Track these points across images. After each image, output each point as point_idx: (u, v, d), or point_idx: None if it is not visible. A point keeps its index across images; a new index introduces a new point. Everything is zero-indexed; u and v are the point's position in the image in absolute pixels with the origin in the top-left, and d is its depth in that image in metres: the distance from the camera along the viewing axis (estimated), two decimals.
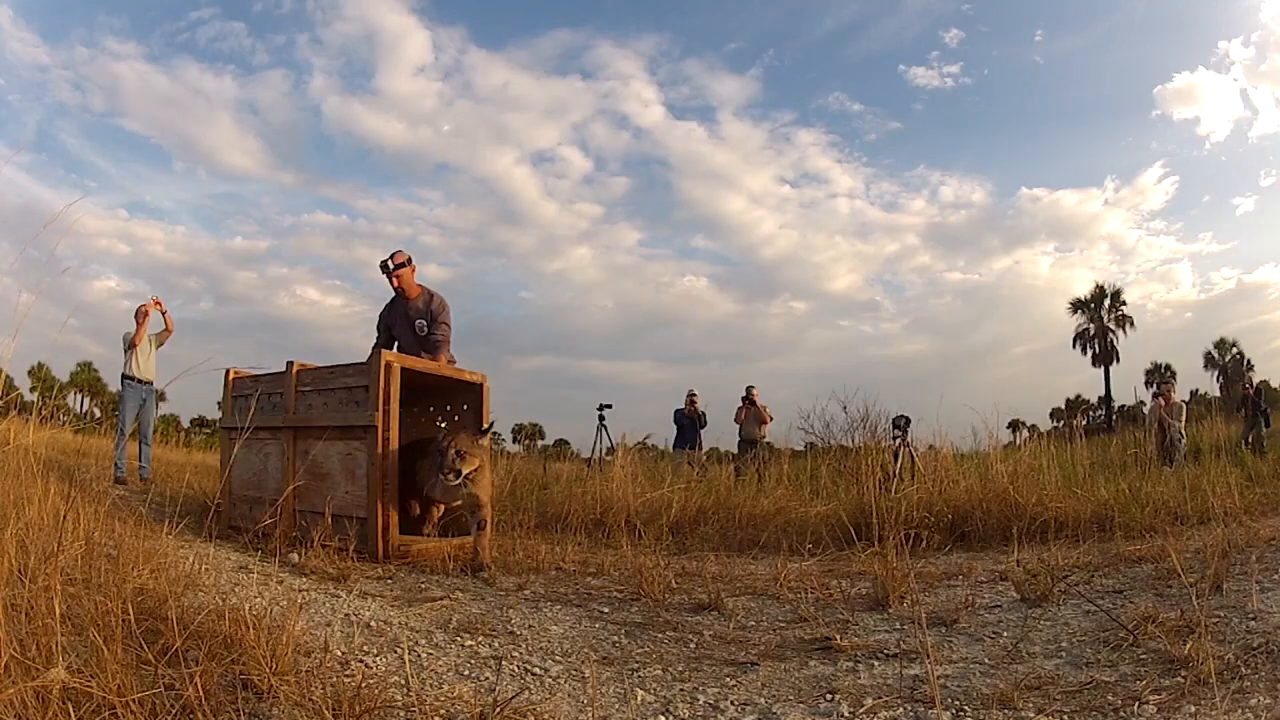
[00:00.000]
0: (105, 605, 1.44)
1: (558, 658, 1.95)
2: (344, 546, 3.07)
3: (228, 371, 4.09)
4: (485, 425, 3.30)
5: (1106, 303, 31.06)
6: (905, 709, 1.56)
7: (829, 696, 1.66)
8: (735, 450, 8.95)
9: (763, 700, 1.65)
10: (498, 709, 1.42)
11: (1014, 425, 22.26)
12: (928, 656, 1.81)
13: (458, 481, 3.06)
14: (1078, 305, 31.68)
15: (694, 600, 2.65)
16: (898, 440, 5.65)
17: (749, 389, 8.88)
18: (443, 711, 1.47)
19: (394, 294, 4.39)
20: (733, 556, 3.76)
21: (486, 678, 1.75)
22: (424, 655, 1.90)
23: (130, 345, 6.49)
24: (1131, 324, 30.90)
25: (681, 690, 1.71)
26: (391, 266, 4.26)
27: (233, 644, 1.50)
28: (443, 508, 3.68)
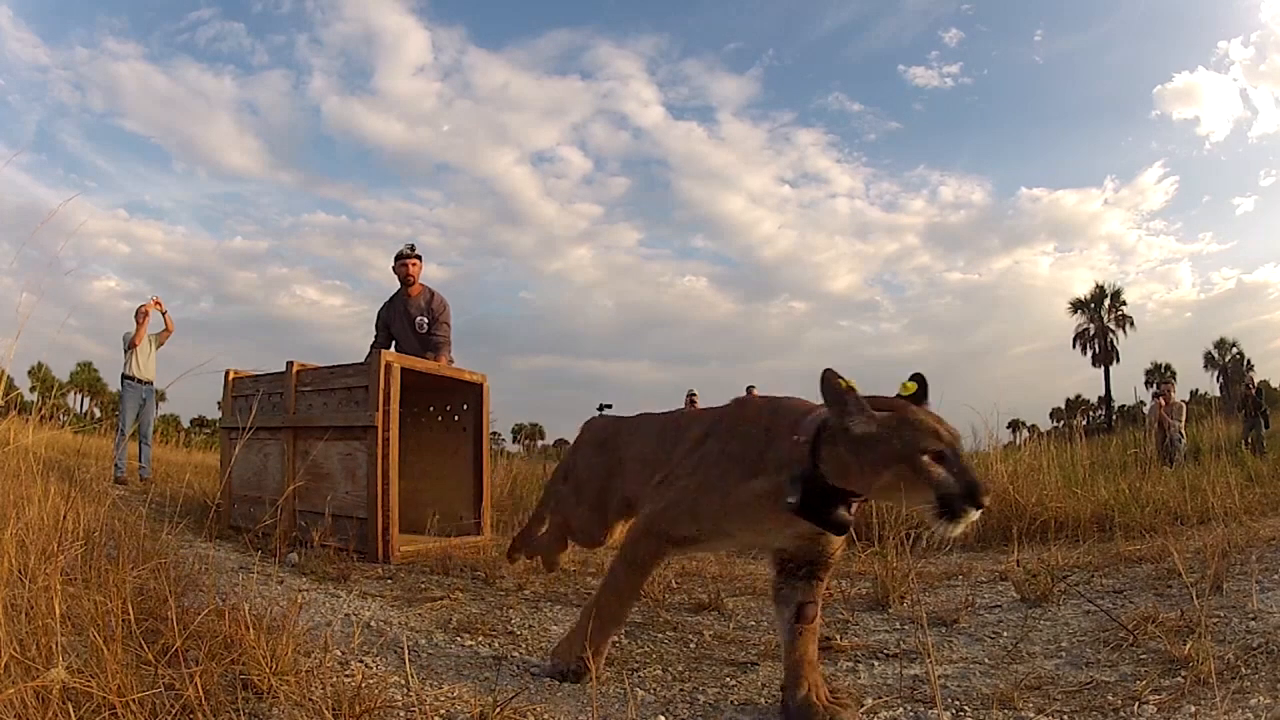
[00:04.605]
0: (105, 605, 1.44)
1: None
2: (344, 546, 3.08)
3: (228, 372, 4.10)
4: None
5: (1106, 303, 31.10)
6: (905, 709, 1.56)
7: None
8: None
9: (763, 700, 1.65)
10: (498, 709, 1.42)
11: (1014, 425, 22.31)
12: (928, 656, 1.81)
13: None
14: (1078, 305, 31.71)
15: (694, 600, 2.65)
16: None
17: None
18: (443, 711, 1.47)
19: (396, 288, 4.45)
20: (733, 556, 3.76)
21: (486, 678, 1.75)
22: (424, 655, 1.90)
23: (130, 345, 6.50)
24: (1131, 324, 30.96)
25: (681, 690, 1.71)
26: (415, 250, 4.38)
27: (233, 644, 1.50)
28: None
